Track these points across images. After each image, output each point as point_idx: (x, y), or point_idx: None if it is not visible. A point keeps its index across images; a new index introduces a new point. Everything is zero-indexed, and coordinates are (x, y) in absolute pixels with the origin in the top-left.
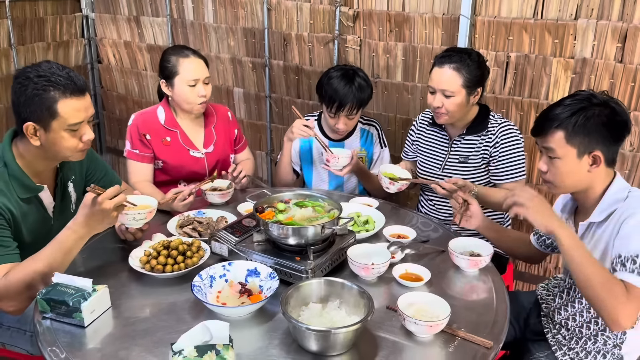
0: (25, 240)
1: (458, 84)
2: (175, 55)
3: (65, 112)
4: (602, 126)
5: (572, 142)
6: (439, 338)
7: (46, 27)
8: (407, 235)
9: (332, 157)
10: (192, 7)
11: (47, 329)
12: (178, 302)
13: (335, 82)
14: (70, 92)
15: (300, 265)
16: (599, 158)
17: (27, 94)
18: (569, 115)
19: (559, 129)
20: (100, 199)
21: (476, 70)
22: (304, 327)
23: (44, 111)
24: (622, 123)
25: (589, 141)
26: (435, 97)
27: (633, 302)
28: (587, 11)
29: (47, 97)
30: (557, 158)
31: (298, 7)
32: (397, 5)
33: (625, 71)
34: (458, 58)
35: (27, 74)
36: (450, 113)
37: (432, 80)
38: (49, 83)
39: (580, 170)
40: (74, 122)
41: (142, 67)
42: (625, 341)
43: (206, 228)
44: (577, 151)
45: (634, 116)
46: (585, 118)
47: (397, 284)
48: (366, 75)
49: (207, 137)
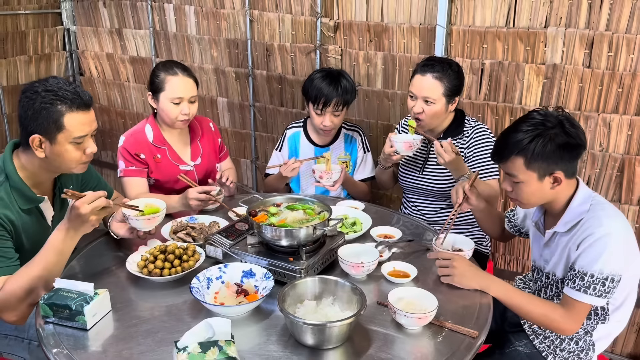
0: (26, 250)
1: (439, 92)
2: (164, 72)
3: (71, 125)
4: (559, 149)
5: (532, 167)
6: (427, 330)
7: (28, 41)
8: (393, 235)
9: (326, 174)
10: (174, 19)
11: (50, 333)
12: (176, 303)
13: (319, 81)
14: (76, 107)
15: (293, 265)
16: (559, 177)
17: (35, 107)
18: (527, 142)
19: (518, 156)
20: (77, 204)
21: (455, 80)
22: (300, 321)
23: (51, 124)
24: (577, 144)
25: (547, 164)
26: (416, 102)
27: (574, 315)
28: (556, 20)
29: (54, 111)
30: (520, 182)
31: (280, 19)
32: (376, 16)
33: (593, 76)
34: (440, 68)
35: (35, 89)
36: (429, 119)
37: (413, 86)
38: (56, 97)
39: (542, 190)
40: (79, 135)
41: (124, 78)
42: (595, 329)
43: (199, 233)
44: (537, 174)
45: (602, 118)
46: (542, 144)
47: (385, 281)
48: (350, 77)
49: (193, 151)
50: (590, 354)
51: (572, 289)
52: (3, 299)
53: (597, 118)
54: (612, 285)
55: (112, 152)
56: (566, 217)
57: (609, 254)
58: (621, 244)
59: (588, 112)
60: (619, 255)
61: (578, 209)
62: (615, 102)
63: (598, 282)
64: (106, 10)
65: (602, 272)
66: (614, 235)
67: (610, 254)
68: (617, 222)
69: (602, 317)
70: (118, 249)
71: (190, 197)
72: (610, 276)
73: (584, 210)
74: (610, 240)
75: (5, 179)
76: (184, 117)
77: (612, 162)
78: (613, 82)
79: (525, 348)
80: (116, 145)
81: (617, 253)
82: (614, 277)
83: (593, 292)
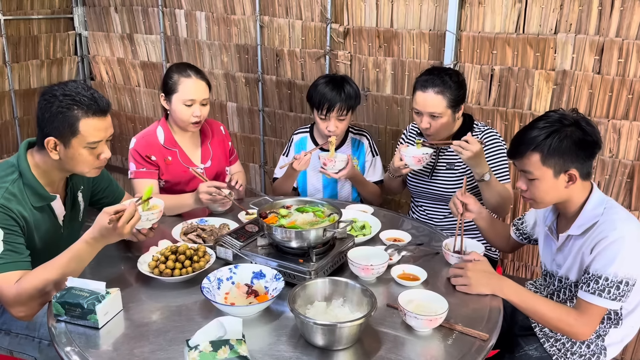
0: (37, 248)
1: (443, 106)
2: (178, 73)
3: (86, 130)
4: (575, 146)
5: (547, 164)
6: (437, 332)
7: (40, 45)
8: (402, 238)
9: (329, 161)
10: (185, 24)
11: (62, 331)
12: (187, 304)
13: (323, 86)
14: (92, 112)
15: (303, 267)
16: (575, 175)
17: (52, 110)
18: (543, 138)
19: (534, 152)
20: (120, 224)
21: (458, 90)
22: (311, 321)
23: (66, 128)
24: (593, 142)
25: (563, 161)
26: (422, 118)
27: (588, 319)
28: (565, 26)
29: (70, 115)
30: (535, 179)
31: (290, 25)
32: (386, 22)
33: (603, 82)
34: (440, 81)
35: (53, 92)
36: (438, 131)
37: (417, 103)
38: (73, 102)
39: (557, 187)
40: (93, 141)
41: (135, 83)
42: (608, 333)
43: (210, 235)
44: (553, 171)
45: (612, 124)
46: (559, 140)
47: (395, 284)
48: (354, 82)
49: (204, 153)
50: (601, 358)
51: (586, 292)
52: (16, 295)
53: (607, 124)
54: (627, 289)
55: (122, 156)
56: (580, 220)
57: (623, 257)
58: (635, 248)
59: (598, 118)
60: (633, 259)
61: (592, 212)
62: (626, 109)
63: (613, 285)
64: (118, 15)
65: (616, 275)
66: (627, 239)
67: (624, 257)
68: (630, 226)
69: (615, 322)
70: (127, 250)
71: (201, 191)
72: (625, 279)
73: (598, 214)
74: (625, 243)
75: (19, 176)
76: (195, 119)
77: (622, 169)
78: (623, 89)
79: (535, 352)
80: (126, 150)
81: (631, 256)
82: (629, 281)
83: (608, 295)
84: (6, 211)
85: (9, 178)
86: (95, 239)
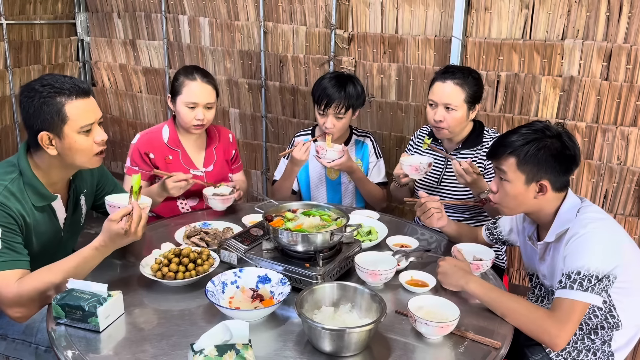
0: (35, 250)
1: (461, 99)
2: (184, 76)
3: (74, 114)
4: (552, 158)
5: (522, 169)
6: (448, 340)
7: (42, 50)
8: (409, 244)
9: (321, 149)
10: (188, 30)
11: (62, 334)
12: (190, 308)
13: (327, 81)
14: (75, 95)
15: (310, 271)
16: (545, 187)
17: (35, 104)
18: (521, 144)
19: (511, 155)
20: (132, 230)
21: (475, 87)
22: (319, 327)
23: (54, 117)
24: (571, 157)
25: (537, 170)
26: (436, 110)
27: (562, 316)
28: (573, 32)
29: (54, 103)
30: (507, 181)
31: (294, 31)
32: (391, 27)
33: (611, 88)
34: (461, 74)
35: (32, 86)
36: (451, 127)
37: (434, 94)
38: (53, 89)
39: (526, 195)
40: (85, 124)
41: (137, 89)
42: (612, 337)
43: (213, 238)
44: (525, 178)
45: (620, 131)
46: (537, 149)
47: (403, 290)
48: (360, 83)
49: (207, 157)
50: None
51: (559, 289)
52: (16, 295)
53: (615, 131)
54: (603, 284)
55: (122, 162)
56: (555, 225)
57: (593, 250)
58: (606, 241)
59: (606, 125)
60: (605, 252)
61: (565, 216)
62: (634, 115)
63: (585, 278)
64: (120, 21)
65: (588, 269)
66: (596, 233)
67: (593, 250)
68: (600, 223)
69: (614, 325)
70: (128, 252)
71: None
72: (597, 273)
73: (570, 218)
74: (593, 237)
75: (19, 175)
76: (197, 123)
77: (630, 176)
78: (631, 95)
79: None
80: (125, 155)
81: (601, 250)
82: (603, 275)
83: (580, 287)
84: (4, 209)
85: (9, 177)
86: (105, 246)
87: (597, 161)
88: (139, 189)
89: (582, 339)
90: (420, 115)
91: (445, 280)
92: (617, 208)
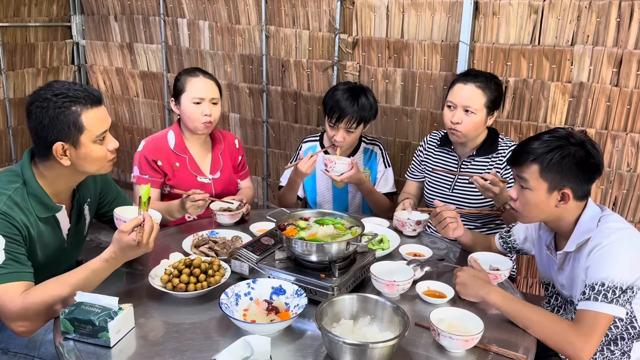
0: (39, 262)
1: (481, 103)
2: (185, 75)
3: (91, 123)
4: (575, 166)
5: (544, 177)
6: (471, 353)
7: (36, 53)
8: (422, 253)
9: (330, 162)
10: (187, 34)
11: (71, 349)
12: (202, 320)
13: (339, 93)
14: (90, 104)
15: (326, 282)
16: (568, 195)
17: (50, 114)
18: (545, 151)
19: (534, 163)
20: (144, 241)
21: (496, 92)
22: (340, 341)
23: (71, 127)
24: (595, 165)
25: (560, 178)
26: (454, 112)
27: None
28: (582, 37)
29: (70, 113)
30: (528, 189)
31: (297, 35)
32: (396, 32)
33: (621, 94)
34: (483, 78)
35: (43, 96)
36: (467, 131)
37: (453, 95)
38: (68, 99)
39: (547, 204)
40: (101, 132)
41: (134, 93)
42: (632, 348)
43: (222, 247)
44: (548, 186)
45: (630, 137)
46: (561, 156)
47: (420, 301)
48: (373, 95)
49: (213, 163)
50: None
51: (582, 300)
52: (22, 309)
53: (625, 138)
54: (627, 295)
55: (117, 168)
56: (575, 235)
57: (616, 260)
58: (630, 252)
59: (615, 131)
60: (629, 263)
61: (586, 225)
62: None
63: (609, 290)
64: (117, 24)
65: (612, 280)
66: (620, 244)
67: (617, 260)
68: (623, 233)
69: (635, 335)
70: (135, 263)
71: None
72: (621, 285)
73: (591, 228)
74: (617, 247)
75: (22, 185)
76: (206, 119)
77: None
78: None
79: None
80: (123, 162)
81: (626, 260)
82: (628, 286)
83: (604, 299)
84: (8, 219)
85: (12, 186)
86: (116, 258)
87: (606, 168)
88: (147, 199)
89: (601, 350)
90: (426, 121)
91: (465, 290)
92: (627, 215)
